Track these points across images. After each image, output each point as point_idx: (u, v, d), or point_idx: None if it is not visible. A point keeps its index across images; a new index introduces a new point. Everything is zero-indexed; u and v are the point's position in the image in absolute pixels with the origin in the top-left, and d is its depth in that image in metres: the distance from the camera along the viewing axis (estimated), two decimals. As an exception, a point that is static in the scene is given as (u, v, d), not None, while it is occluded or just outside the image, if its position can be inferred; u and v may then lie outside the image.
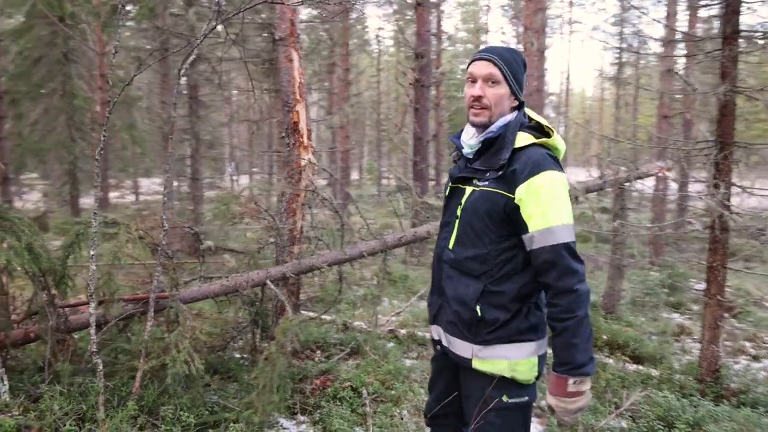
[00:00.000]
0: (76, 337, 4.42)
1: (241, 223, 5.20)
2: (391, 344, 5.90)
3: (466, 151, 2.33)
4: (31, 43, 15.68)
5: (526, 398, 2.20)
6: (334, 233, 4.97)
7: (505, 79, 2.19)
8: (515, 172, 2.08)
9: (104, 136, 3.52)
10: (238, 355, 5.32)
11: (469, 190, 2.23)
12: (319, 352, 5.58)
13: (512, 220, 2.10)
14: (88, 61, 16.05)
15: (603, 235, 7.77)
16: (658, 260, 11.77)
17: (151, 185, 27.10)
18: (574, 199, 6.36)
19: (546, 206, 2.02)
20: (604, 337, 6.14)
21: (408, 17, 21.19)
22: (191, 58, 3.95)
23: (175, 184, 12.52)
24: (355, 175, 34.65)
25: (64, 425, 3.31)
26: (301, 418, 4.28)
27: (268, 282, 4.75)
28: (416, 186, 6.01)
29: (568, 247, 2.02)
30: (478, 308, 2.14)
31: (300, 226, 5.21)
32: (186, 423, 3.64)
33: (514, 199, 2.07)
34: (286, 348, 4.20)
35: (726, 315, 5.42)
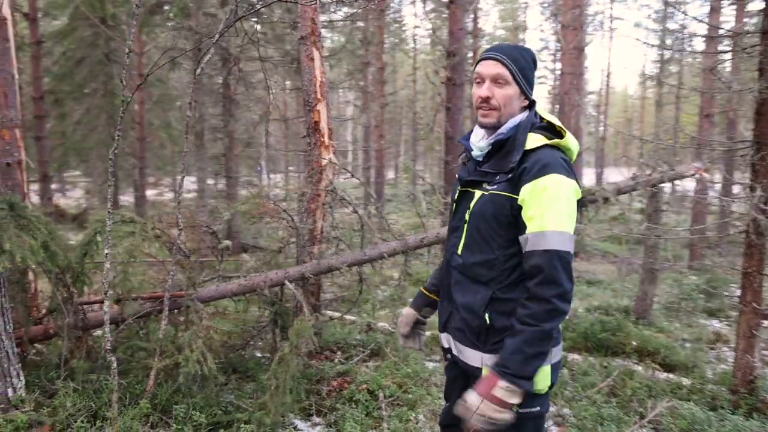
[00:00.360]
0: (95, 334, 4.47)
1: (261, 222, 5.17)
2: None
3: (475, 153, 2.25)
4: (74, 44, 16.05)
5: (538, 408, 2.11)
6: (352, 234, 4.90)
7: (514, 78, 2.10)
8: (523, 173, 2.00)
9: (118, 136, 3.53)
10: (259, 355, 5.32)
11: (478, 194, 2.15)
12: (339, 353, 5.54)
13: (518, 223, 2.02)
14: (129, 61, 16.37)
15: (639, 237, 7.53)
16: (696, 264, 11.39)
17: (191, 183, 27.54)
18: (603, 200, 6.18)
19: (545, 209, 1.93)
20: (634, 343, 5.95)
21: (444, 15, 21.01)
22: (207, 57, 3.94)
23: (211, 182, 12.66)
24: (391, 174, 34.63)
25: (76, 422, 3.33)
26: (316, 419, 4.25)
27: (287, 282, 4.73)
28: (443, 187, 5.92)
29: (560, 257, 1.91)
30: (486, 316, 2.07)
31: (320, 226, 5.18)
32: (197, 422, 3.64)
33: (517, 199, 2.00)
34: (300, 349, 4.17)
35: (763, 323, 5.18)
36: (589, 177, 28.70)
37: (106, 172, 17.50)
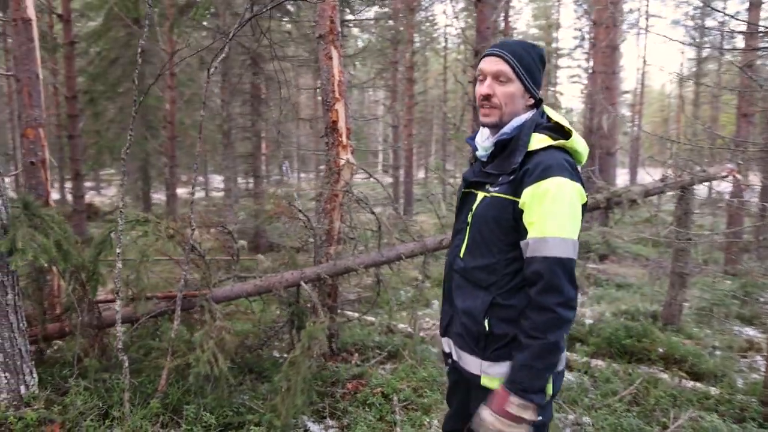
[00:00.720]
0: (112, 332, 4.50)
1: (279, 222, 5.16)
2: (435, 349, 5.75)
3: (480, 153, 2.18)
4: (108, 45, 16.36)
5: (540, 418, 2.02)
6: (371, 234, 4.84)
7: (518, 76, 2.03)
8: (524, 175, 1.92)
9: (130, 136, 3.53)
10: (277, 355, 5.31)
11: (480, 195, 2.09)
12: (357, 354, 5.49)
13: (519, 228, 1.95)
14: (160, 61, 16.61)
15: (669, 240, 7.31)
16: (730, 268, 11.03)
17: (219, 182, 27.87)
18: (630, 202, 6.01)
19: (546, 214, 1.85)
20: (660, 349, 5.76)
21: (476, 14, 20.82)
22: (221, 56, 3.92)
23: (242, 181, 12.74)
24: (421, 174, 34.48)
25: (85, 421, 3.34)
26: (330, 422, 4.20)
27: (302, 283, 4.70)
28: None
29: (562, 264, 1.83)
30: (486, 322, 2.01)
31: (337, 226, 5.13)
32: (207, 423, 3.63)
33: (519, 202, 1.92)
34: (312, 352, 4.14)
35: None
36: (622, 178, 28.15)
37: (138, 170, 17.82)
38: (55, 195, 20.35)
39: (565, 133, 2.03)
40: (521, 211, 1.92)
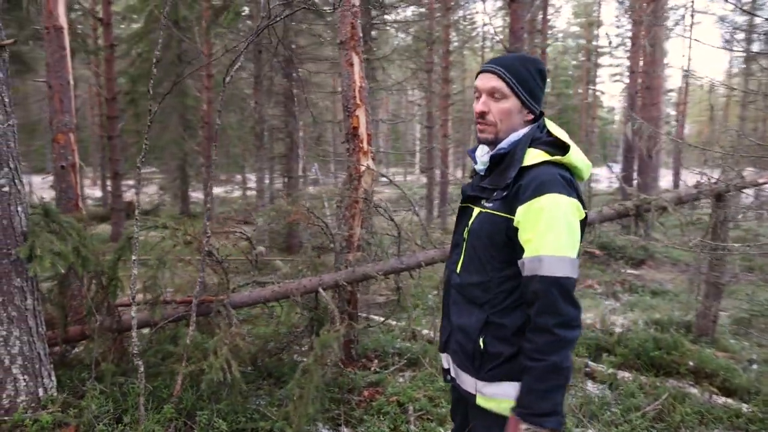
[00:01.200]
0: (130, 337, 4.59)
1: (297, 227, 5.17)
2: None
3: (478, 167, 2.16)
4: (148, 47, 16.73)
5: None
6: (391, 240, 4.81)
7: (513, 91, 1.99)
8: (518, 192, 1.88)
9: (146, 142, 3.57)
10: (298, 359, 5.32)
11: (476, 211, 2.06)
12: (376, 361, 5.47)
13: (514, 245, 1.90)
14: (199, 62, 16.91)
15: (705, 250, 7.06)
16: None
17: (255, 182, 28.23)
18: (661, 210, 5.83)
19: (542, 232, 1.81)
20: (690, 363, 5.58)
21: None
22: (238, 63, 3.94)
23: (279, 182, 12.85)
24: (459, 174, 34.24)
25: (98, 425, 3.41)
26: (345, 430, 4.20)
27: (320, 290, 4.70)
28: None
29: (559, 284, 1.78)
30: (480, 340, 1.98)
31: (358, 233, 5.12)
32: (219, 429, 3.66)
33: (513, 220, 1.88)
34: (325, 360, 4.14)
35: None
36: (667, 180, 27.45)
37: (177, 169, 18.18)
38: (98, 193, 20.94)
39: (564, 148, 1.97)
40: (516, 229, 1.88)
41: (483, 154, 2.12)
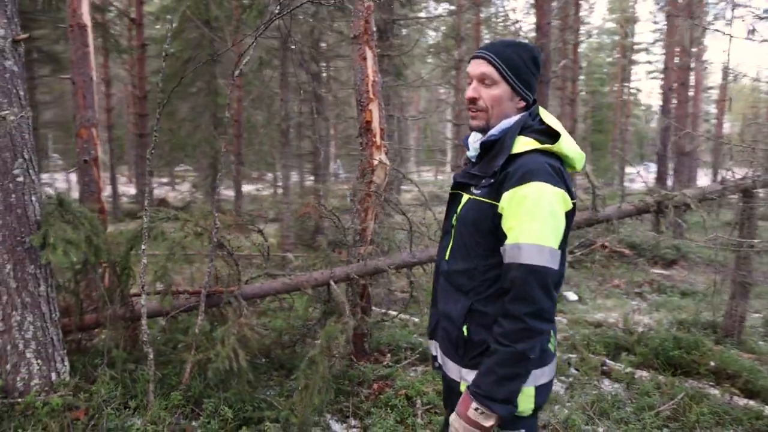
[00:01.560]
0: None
1: (310, 220, 5.22)
2: None
3: (470, 153, 2.16)
4: (181, 46, 17.01)
5: (523, 431, 1.97)
6: (395, 236, 4.82)
7: (504, 78, 1.98)
8: (505, 179, 1.88)
9: (155, 137, 3.65)
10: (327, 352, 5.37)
11: (465, 197, 2.06)
12: (389, 355, 5.48)
13: (499, 233, 1.90)
14: (230, 61, 17.14)
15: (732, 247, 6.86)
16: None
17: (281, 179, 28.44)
18: (685, 207, 5.71)
19: (524, 220, 1.80)
20: (711, 363, 5.45)
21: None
22: (245, 60, 4.01)
23: (310, 178, 12.98)
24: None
25: (105, 409, 3.50)
26: (353, 422, 4.23)
27: (332, 282, 4.74)
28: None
29: (536, 272, 1.77)
30: (464, 328, 1.98)
31: (371, 227, 5.14)
32: (225, 417, 3.72)
33: (498, 207, 1.88)
34: (332, 351, 4.18)
35: None
36: (705, 180, 26.80)
37: (208, 167, 18.45)
38: (132, 191, 21.41)
39: (555, 137, 1.96)
40: (500, 216, 1.87)
41: (475, 141, 2.12)
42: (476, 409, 1.80)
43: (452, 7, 17.62)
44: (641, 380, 5.13)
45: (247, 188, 22.97)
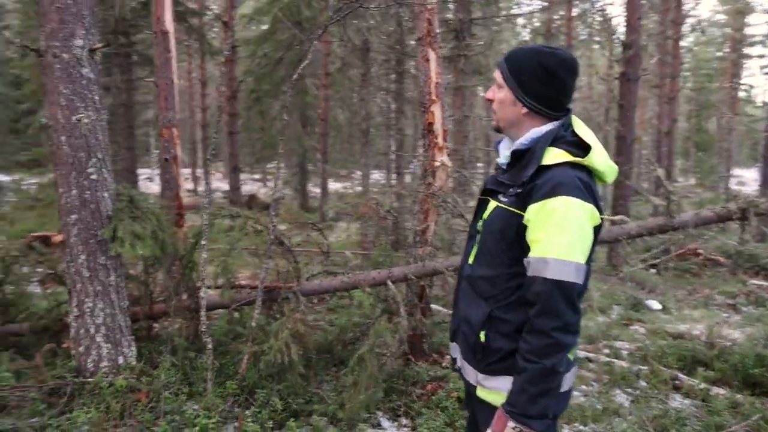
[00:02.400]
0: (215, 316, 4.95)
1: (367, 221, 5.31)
2: None
3: (500, 160, 2.17)
4: (273, 47, 17.64)
5: None
6: (452, 238, 4.82)
7: (506, 82, 2.00)
8: (533, 190, 1.87)
9: (215, 136, 3.85)
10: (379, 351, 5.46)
11: (492, 204, 2.07)
12: (448, 357, 5.48)
13: (523, 243, 1.91)
14: (317, 61, 17.59)
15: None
16: None
17: (380, 178, 28.79)
18: (741, 213, 5.34)
19: (551, 234, 1.80)
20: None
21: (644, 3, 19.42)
22: (305, 62, 4.14)
23: (376, 177, 13.19)
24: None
25: (162, 393, 3.74)
26: (404, 421, 4.28)
27: (389, 282, 4.80)
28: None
29: (562, 287, 1.77)
30: (482, 334, 2.00)
31: (431, 228, 5.16)
32: (275, 408, 3.88)
33: (524, 217, 1.88)
34: (385, 350, 4.26)
35: None
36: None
37: (297, 165, 19.03)
38: (225, 186, 22.39)
39: (586, 150, 1.93)
40: (525, 227, 1.88)
41: (506, 148, 2.11)
42: (513, 428, 1.82)
43: (544, 4, 17.26)
44: (716, 398, 4.85)
45: (334, 186, 23.51)
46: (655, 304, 8.71)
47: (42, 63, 3.72)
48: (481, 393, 2.02)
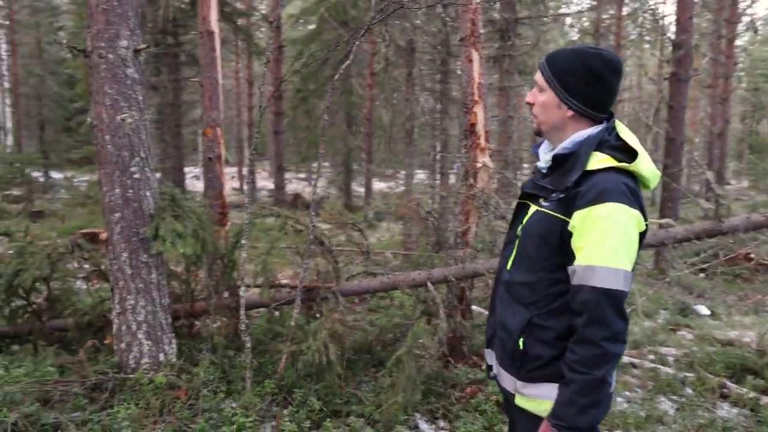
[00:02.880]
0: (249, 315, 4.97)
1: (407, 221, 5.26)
2: None
3: (540, 164, 2.10)
4: (319, 47, 17.75)
5: None
6: (494, 240, 4.74)
7: (549, 85, 1.93)
8: (577, 196, 1.81)
9: (256, 137, 3.86)
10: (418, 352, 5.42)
11: (532, 209, 2.01)
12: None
13: (567, 249, 1.85)
14: (363, 61, 17.63)
15: None
16: None
17: (424, 178, 28.68)
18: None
19: (597, 241, 1.74)
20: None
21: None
22: (347, 62, 4.11)
23: (421, 177, 13.14)
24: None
25: (201, 391, 3.77)
26: (442, 424, 4.24)
27: (429, 284, 4.75)
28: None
29: (610, 295, 1.72)
30: (520, 341, 1.95)
31: (473, 230, 5.09)
32: (312, 408, 3.87)
33: (569, 223, 1.82)
34: (423, 352, 4.21)
35: None
36: None
37: (342, 164, 19.12)
38: (270, 185, 22.68)
39: (633, 155, 1.85)
40: (570, 234, 1.82)
41: (546, 152, 2.05)
42: None
43: (593, 3, 16.89)
44: (766, 408, 4.65)
45: (379, 186, 23.53)
46: (704, 310, 8.43)
47: (88, 63, 3.79)
48: (520, 401, 1.97)
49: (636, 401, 4.68)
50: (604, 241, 1.72)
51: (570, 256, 1.81)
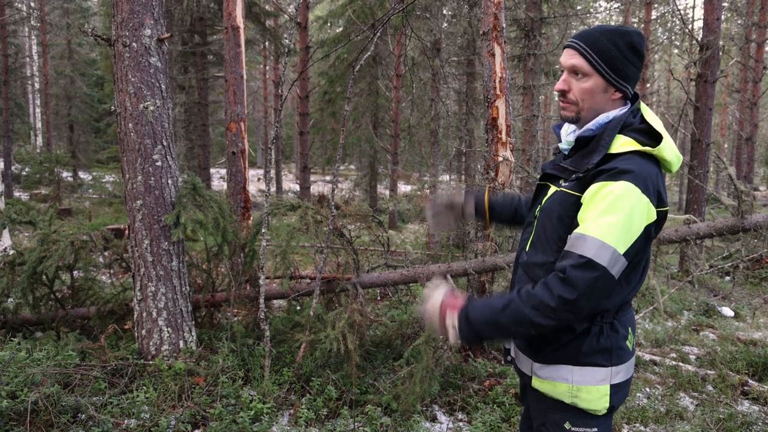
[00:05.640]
0: (276, 305, 5.00)
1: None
2: None
3: (562, 146, 2.05)
4: (347, 49, 17.84)
5: (595, 429, 1.88)
6: (514, 234, 4.68)
7: (596, 69, 1.84)
8: (596, 176, 1.77)
9: (274, 138, 3.88)
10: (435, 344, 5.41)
11: (552, 190, 1.97)
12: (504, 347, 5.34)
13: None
14: (390, 63, 17.66)
15: None
16: None
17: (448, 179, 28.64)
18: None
19: (597, 214, 1.69)
20: None
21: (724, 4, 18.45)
22: (366, 55, 4.11)
23: (446, 178, 13.09)
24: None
25: (219, 378, 3.80)
26: (460, 415, 4.22)
27: (448, 276, 4.73)
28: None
29: (592, 267, 1.65)
30: None
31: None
32: (329, 396, 3.88)
33: (580, 198, 1.78)
34: (440, 343, 4.19)
35: None
36: None
37: (366, 166, 19.15)
38: (296, 187, 22.82)
39: (656, 138, 1.81)
40: (580, 206, 1.78)
41: (569, 133, 2.01)
42: (453, 318, 1.78)
43: (617, 5, 16.68)
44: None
45: (404, 189, 23.53)
46: (728, 311, 8.28)
47: (112, 52, 3.85)
48: (536, 383, 1.93)
49: (656, 397, 4.62)
50: (605, 215, 1.66)
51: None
